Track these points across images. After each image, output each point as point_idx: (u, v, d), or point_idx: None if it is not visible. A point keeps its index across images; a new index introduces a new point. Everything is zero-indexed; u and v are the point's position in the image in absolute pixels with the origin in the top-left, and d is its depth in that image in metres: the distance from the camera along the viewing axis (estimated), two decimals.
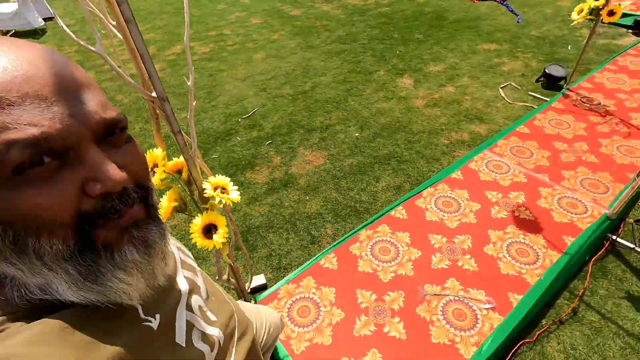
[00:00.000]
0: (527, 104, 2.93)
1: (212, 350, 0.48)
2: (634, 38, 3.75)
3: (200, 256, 1.95)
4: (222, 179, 1.07)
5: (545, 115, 2.53)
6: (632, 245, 1.80)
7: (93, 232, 0.33)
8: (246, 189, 2.36)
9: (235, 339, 0.55)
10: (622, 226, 1.87)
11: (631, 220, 1.92)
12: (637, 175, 1.60)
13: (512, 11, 4.80)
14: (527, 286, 1.50)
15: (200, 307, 0.50)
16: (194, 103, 1.29)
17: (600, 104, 2.61)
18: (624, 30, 3.94)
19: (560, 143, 2.27)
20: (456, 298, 1.47)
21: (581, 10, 2.40)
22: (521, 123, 2.45)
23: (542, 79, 3.17)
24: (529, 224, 1.76)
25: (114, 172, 0.33)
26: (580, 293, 1.63)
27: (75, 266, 0.33)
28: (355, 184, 2.31)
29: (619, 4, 2.33)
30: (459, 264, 1.61)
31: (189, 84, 0.95)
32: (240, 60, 4.03)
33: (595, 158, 2.14)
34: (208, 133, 2.93)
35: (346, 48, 4.11)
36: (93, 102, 0.34)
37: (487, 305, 1.43)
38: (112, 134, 0.35)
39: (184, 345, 0.44)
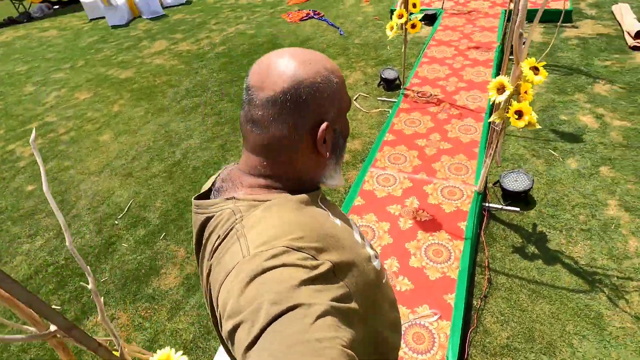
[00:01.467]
0: (380, 109, 3.35)
1: (376, 259, 0.63)
2: (428, 28, 4.63)
3: None
4: (163, 354, 0.93)
5: (399, 118, 2.93)
6: (499, 206, 2.26)
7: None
8: (161, 301, 2.08)
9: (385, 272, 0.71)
10: (487, 194, 2.32)
11: (490, 185, 2.41)
12: (487, 157, 2.01)
13: (332, 25, 5.41)
14: (454, 282, 1.74)
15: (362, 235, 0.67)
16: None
17: (431, 95, 3.17)
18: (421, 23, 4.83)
19: (421, 139, 2.67)
20: (409, 323, 1.60)
21: (392, 27, 2.85)
22: (385, 132, 2.79)
23: (381, 83, 3.67)
24: (431, 224, 2.04)
25: None
26: (486, 264, 1.97)
27: (338, 157, 0.61)
28: None
29: (417, 18, 2.85)
30: (397, 288, 1.75)
31: (89, 286, 0.78)
32: (86, 149, 3.49)
33: (449, 144, 2.59)
34: (84, 253, 2.45)
35: (200, 100, 3.97)
36: None
37: (435, 317, 1.60)
38: None
39: (360, 242, 0.60)
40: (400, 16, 2.76)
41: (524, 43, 1.54)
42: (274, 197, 0.54)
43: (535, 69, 1.50)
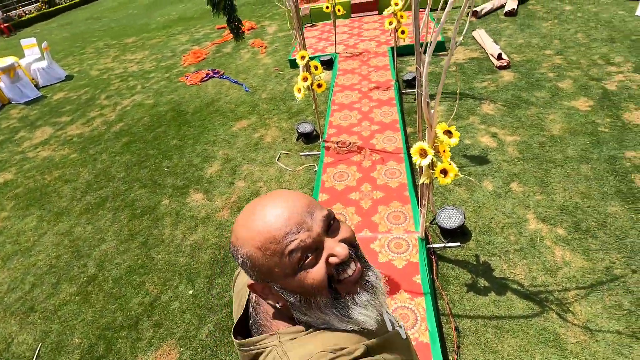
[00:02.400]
0: (306, 165, 3.34)
1: (401, 328, 0.71)
2: (328, 72, 4.87)
3: None
4: None
5: (327, 174, 2.94)
6: (441, 245, 2.36)
7: (338, 289, 0.58)
8: None
9: None
10: (429, 235, 2.41)
11: (428, 224, 2.51)
12: (422, 207, 2.08)
13: (235, 82, 5.37)
14: (427, 347, 1.71)
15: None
16: None
17: (350, 143, 3.27)
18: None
19: (354, 193, 2.70)
20: None
21: (299, 90, 2.90)
22: (318, 193, 2.76)
23: (300, 137, 3.69)
24: (389, 286, 2.01)
25: (341, 249, 0.57)
26: (448, 311, 2.00)
27: (336, 310, 0.58)
28: (234, 357, 2.02)
29: (320, 77, 2.94)
30: None
31: None
32: None
33: (380, 192, 2.66)
34: None
35: (106, 193, 3.52)
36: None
37: None
38: (330, 225, 0.60)
39: (388, 324, 0.66)
40: (305, 79, 2.82)
41: (432, 110, 1.64)
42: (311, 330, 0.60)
43: (448, 132, 1.60)
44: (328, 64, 5.07)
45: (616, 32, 4.51)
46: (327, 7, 4.59)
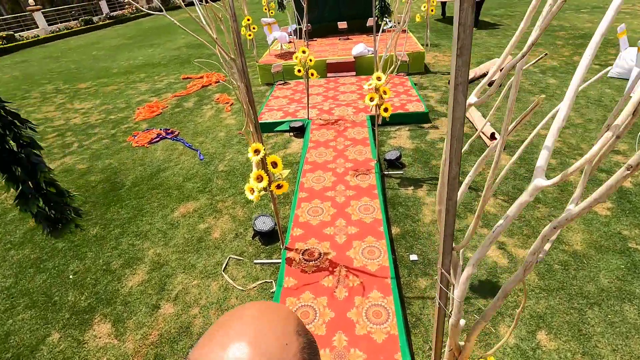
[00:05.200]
0: (261, 280, 2.49)
1: None
2: (299, 141, 4.20)
3: None
4: None
5: (287, 304, 2.10)
6: None
7: None
8: None
9: None
10: None
11: None
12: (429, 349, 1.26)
13: (190, 147, 4.57)
14: None
15: None
16: None
17: (321, 254, 2.48)
18: (287, 183, 4.39)
19: (323, 350, 1.85)
20: None
21: (252, 191, 2.13)
22: None
23: (257, 235, 2.87)
24: None
25: None
26: None
27: None
28: None
29: (281, 175, 2.20)
30: None
31: None
32: None
33: (361, 351, 1.83)
34: None
35: None
36: None
37: None
38: None
39: None
40: (260, 179, 2.07)
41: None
42: None
43: None
44: (299, 131, 4.42)
45: (610, 113, 4.16)
46: (299, 71, 4.01)
